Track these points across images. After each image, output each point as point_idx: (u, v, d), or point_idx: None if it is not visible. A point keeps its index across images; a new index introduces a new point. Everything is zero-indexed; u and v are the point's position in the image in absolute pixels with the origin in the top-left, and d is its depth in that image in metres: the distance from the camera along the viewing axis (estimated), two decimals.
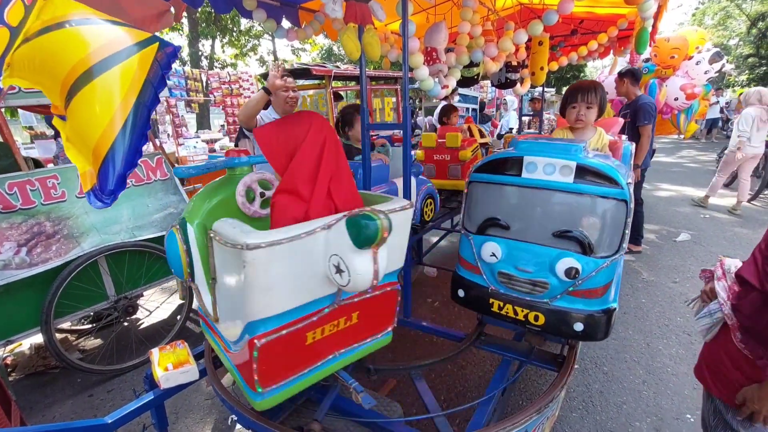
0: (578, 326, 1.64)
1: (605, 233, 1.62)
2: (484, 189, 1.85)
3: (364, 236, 1.09)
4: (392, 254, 1.38)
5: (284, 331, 1.23)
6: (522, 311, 1.73)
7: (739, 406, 1.21)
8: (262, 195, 1.54)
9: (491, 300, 1.80)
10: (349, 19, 1.86)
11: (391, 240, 1.15)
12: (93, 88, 1.00)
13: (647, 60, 5.56)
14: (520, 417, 1.42)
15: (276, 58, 20.36)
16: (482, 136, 4.04)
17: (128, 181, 2.79)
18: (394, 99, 8.07)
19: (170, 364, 1.69)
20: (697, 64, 5.34)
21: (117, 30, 1.09)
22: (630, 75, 4.24)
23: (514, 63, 3.43)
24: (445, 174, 3.61)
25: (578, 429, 2.18)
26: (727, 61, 5.74)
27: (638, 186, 4.28)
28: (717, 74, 5.68)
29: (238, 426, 1.55)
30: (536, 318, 1.70)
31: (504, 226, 1.77)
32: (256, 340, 1.18)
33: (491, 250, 1.77)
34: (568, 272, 1.59)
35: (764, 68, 19.27)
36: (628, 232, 1.61)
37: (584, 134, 2.20)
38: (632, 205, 1.60)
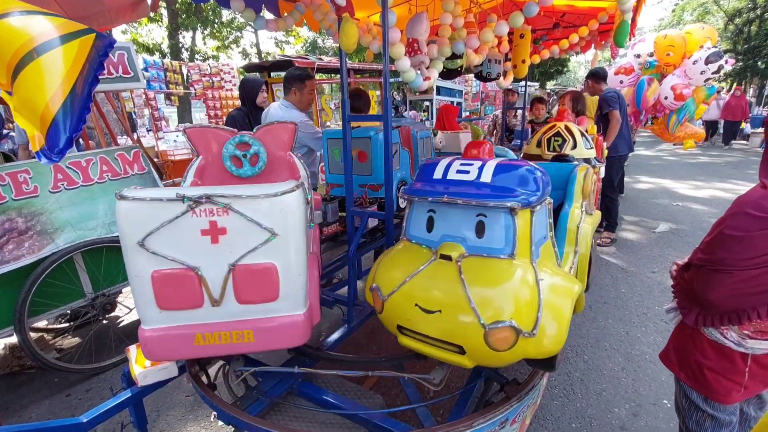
0: None
1: None
2: None
3: None
4: None
5: None
6: None
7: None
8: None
9: None
10: (342, 10, 1.84)
11: None
12: (37, 65, 1.19)
13: (651, 55, 5.50)
14: (502, 406, 1.43)
15: (259, 51, 20.03)
16: None
17: (104, 175, 2.74)
18: (378, 92, 8.02)
19: (148, 361, 1.66)
20: (694, 63, 5.11)
21: (55, 20, 1.28)
22: (592, 76, 4.63)
23: (497, 56, 3.43)
24: None
25: (559, 416, 2.22)
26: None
27: (619, 176, 4.52)
28: (715, 75, 5.21)
29: (220, 422, 1.54)
30: None
31: None
32: None
33: None
34: None
35: (741, 63, 19.73)
36: None
37: None
38: None
